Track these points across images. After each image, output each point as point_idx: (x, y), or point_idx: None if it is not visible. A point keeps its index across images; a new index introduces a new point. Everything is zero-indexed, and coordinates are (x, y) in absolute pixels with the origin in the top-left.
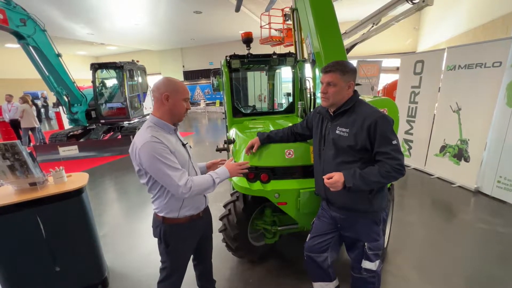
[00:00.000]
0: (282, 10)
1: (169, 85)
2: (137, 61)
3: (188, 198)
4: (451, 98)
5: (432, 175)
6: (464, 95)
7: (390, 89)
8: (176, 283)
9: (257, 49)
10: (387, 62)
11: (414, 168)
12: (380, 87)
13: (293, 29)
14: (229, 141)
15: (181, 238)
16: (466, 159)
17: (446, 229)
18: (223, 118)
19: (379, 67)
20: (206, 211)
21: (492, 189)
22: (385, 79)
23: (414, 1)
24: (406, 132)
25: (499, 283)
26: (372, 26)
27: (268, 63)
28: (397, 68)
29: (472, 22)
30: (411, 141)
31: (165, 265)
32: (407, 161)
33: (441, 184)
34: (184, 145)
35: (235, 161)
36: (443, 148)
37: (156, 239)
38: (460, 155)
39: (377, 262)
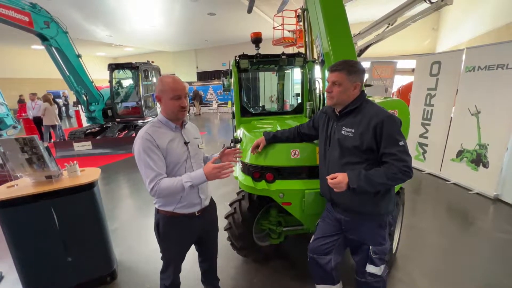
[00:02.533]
0: (296, 11)
1: (159, 86)
2: (152, 62)
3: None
4: (469, 101)
5: (448, 181)
6: (484, 98)
7: (405, 91)
8: (171, 276)
9: (270, 50)
10: (403, 64)
11: (428, 173)
12: (394, 89)
13: (303, 30)
14: (236, 140)
15: (171, 230)
16: (485, 165)
17: (461, 237)
18: (232, 118)
19: (394, 69)
20: (205, 212)
21: None
22: (400, 81)
23: (432, 1)
24: (421, 136)
25: None
26: (388, 27)
27: (277, 63)
28: (413, 70)
29: (495, 21)
30: (426, 145)
31: (161, 255)
32: (421, 165)
33: (458, 191)
34: (186, 143)
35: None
36: (460, 153)
37: None
38: (479, 160)
39: (382, 266)
